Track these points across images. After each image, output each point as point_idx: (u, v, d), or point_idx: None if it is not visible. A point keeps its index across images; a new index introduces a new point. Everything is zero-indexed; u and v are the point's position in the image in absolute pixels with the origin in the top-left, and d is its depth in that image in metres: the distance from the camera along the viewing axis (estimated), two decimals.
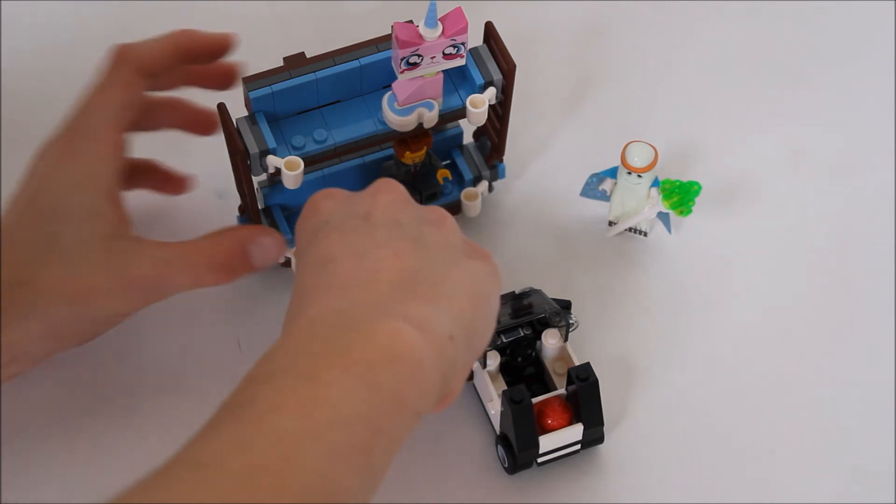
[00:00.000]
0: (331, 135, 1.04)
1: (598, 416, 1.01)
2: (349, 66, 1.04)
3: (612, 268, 1.13)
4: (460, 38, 0.99)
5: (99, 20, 1.26)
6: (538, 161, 1.18)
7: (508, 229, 1.15)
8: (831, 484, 1.03)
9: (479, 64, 1.05)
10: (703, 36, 1.26)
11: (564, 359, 1.04)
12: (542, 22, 1.26)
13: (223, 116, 1.02)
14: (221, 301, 1.11)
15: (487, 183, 1.13)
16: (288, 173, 1.01)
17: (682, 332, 1.10)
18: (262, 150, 1.02)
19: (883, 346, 1.09)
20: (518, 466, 1.02)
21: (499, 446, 1.03)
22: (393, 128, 1.04)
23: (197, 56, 1.04)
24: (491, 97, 1.05)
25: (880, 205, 1.16)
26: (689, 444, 1.05)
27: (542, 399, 1.01)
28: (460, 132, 1.14)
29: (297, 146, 1.03)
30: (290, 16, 1.25)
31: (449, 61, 1.01)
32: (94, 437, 1.05)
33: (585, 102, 1.22)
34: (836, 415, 1.06)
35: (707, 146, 1.19)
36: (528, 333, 1.04)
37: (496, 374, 1.03)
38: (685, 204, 1.09)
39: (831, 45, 1.25)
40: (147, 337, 1.09)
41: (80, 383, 1.07)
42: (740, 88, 1.22)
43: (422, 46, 0.99)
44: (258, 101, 1.03)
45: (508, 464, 1.02)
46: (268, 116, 1.04)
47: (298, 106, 1.05)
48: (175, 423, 1.05)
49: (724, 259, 1.13)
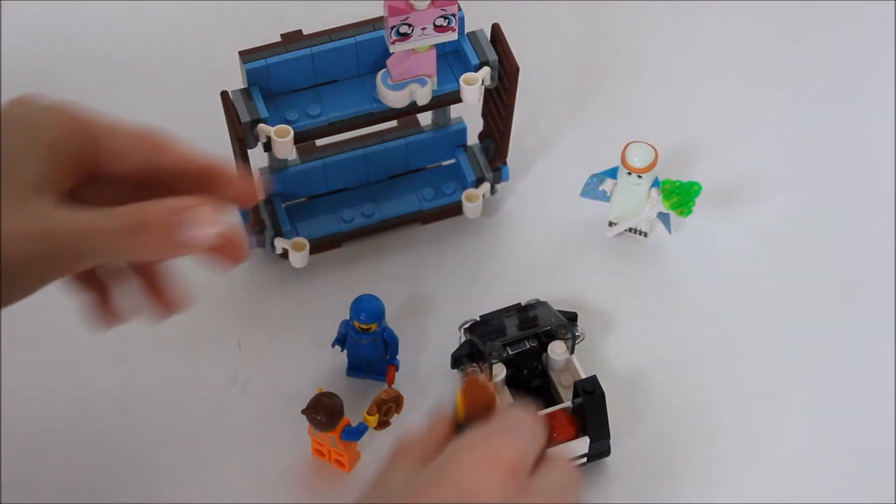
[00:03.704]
0: (325, 110, 1.05)
1: (604, 430, 1.01)
2: (345, 42, 1.05)
3: (612, 268, 1.13)
4: (450, 8, 1.00)
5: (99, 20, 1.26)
6: (539, 161, 1.18)
7: (509, 230, 1.15)
8: (831, 484, 1.03)
9: (475, 45, 1.05)
10: (704, 36, 1.26)
11: (570, 371, 1.04)
12: (543, 23, 1.26)
13: (226, 104, 1.02)
14: (221, 301, 1.11)
15: (490, 185, 1.13)
16: (278, 140, 1.02)
17: (683, 332, 1.10)
18: (253, 119, 1.03)
19: (883, 346, 1.09)
20: None
21: None
22: (386, 104, 1.05)
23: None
24: (485, 76, 1.05)
25: (880, 205, 1.16)
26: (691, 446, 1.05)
27: (548, 412, 1.01)
28: (463, 128, 1.14)
29: (291, 119, 1.04)
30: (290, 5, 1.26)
31: (441, 34, 1.01)
32: (94, 436, 1.05)
33: (586, 103, 1.22)
34: (836, 415, 1.06)
35: (707, 146, 1.19)
36: (535, 346, 1.04)
37: (502, 386, 1.03)
38: (685, 204, 1.09)
39: (832, 45, 1.25)
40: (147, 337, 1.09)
41: (80, 383, 1.07)
42: (740, 89, 1.23)
43: (412, 15, 0.99)
44: (253, 73, 1.04)
45: None
46: (263, 92, 1.04)
47: (294, 82, 1.06)
48: (175, 423, 1.06)
49: (724, 259, 1.13)
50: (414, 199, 1.14)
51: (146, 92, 1.22)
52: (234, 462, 1.04)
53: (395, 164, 1.14)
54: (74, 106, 0.86)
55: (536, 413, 0.89)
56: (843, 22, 1.26)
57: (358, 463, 1.03)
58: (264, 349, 1.09)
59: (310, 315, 1.10)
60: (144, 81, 1.22)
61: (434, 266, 1.13)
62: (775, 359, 1.09)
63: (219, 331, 1.10)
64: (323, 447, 1.02)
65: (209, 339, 1.09)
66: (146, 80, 1.22)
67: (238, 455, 1.04)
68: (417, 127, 1.14)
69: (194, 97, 1.19)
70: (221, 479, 1.03)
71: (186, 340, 1.09)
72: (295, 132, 1.03)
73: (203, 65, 1.22)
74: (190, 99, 1.20)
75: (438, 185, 1.14)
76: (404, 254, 1.14)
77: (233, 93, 1.04)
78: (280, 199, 1.12)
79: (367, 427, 1.00)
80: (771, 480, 1.03)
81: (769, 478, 1.03)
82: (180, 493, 1.02)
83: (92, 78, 1.22)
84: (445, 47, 1.06)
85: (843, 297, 1.12)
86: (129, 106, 1.20)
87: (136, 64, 1.23)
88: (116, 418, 1.06)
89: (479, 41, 1.06)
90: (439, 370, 1.06)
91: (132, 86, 1.22)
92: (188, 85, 1.21)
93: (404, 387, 1.05)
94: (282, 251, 1.10)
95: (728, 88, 1.23)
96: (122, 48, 1.24)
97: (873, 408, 1.06)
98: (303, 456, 1.04)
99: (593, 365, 1.07)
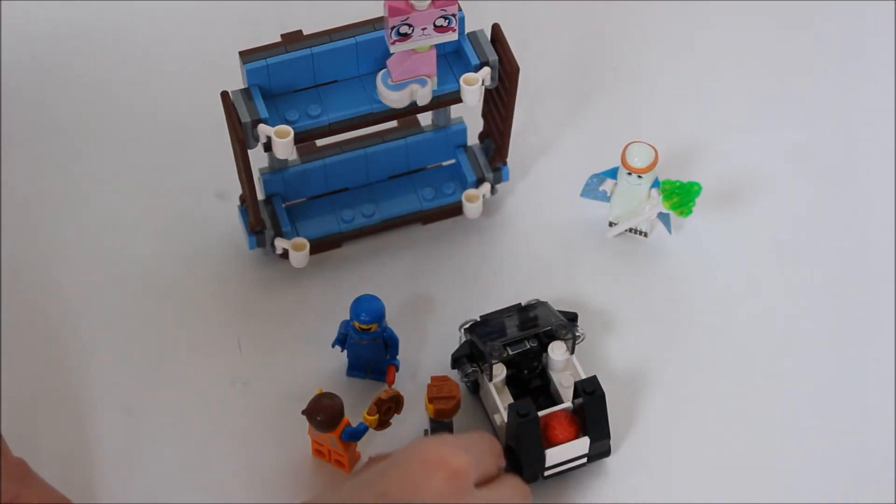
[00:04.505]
0: (325, 111, 1.05)
1: (604, 430, 1.01)
2: (345, 42, 1.05)
3: (612, 268, 1.13)
4: (450, 8, 1.00)
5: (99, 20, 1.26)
6: (539, 161, 1.18)
7: (509, 230, 1.15)
8: (831, 484, 1.03)
9: (476, 45, 1.05)
10: (704, 36, 1.26)
11: (570, 371, 1.04)
12: (543, 23, 1.26)
13: (226, 104, 1.02)
14: (221, 301, 1.11)
15: (490, 185, 1.13)
16: (278, 140, 1.02)
17: (683, 333, 1.10)
18: (253, 119, 1.03)
19: (883, 346, 1.09)
20: (524, 480, 1.01)
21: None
22: (386, 104, 1.05)
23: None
24: (485, 77, 1.05)
25: (880, 204, 1.16)
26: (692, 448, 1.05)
27: (548, 412, 1.01)
28: (463, 128, 1.14)
29: (291, 120, 1.04)
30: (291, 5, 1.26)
31: (441, 34, 1.01)
32: (94, 436, 1.05)
33: (586, 103, 1.22)
34: (836, 415, 1.06)
35: (707, 146, 1.19)
36: (535, 346, 1.03)
37: (502, 386, 1.03)
38: (685, 204, 1.09)
39: (831, 45, 1.25)
40: (147, 337, 1.09)
41: (80, 383, 1.07)
42: (740, 89, 1.23)
43: (412, 15, 0.99)
44: (253, 73, 1.04)
45: None
46: (264, 92, 1.04)
47: (294, 82, 1.05)
48: (175, 423, 1.06)
49: (724, 259, 1.13)
50: (414, 199, 1.14)
51: (146, 92, 1.21)
52: (234, 462, 1.04)
53: (396, 164, 1.14)
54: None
55: (495, 440, 0.98)
56: (843, 22, 1.26)
57: (358, 463, 1.03)
58: (264, 349, 1.09)
59: (310, 315, 1.10)
60: (145, 81, 1.22)
61: (434, 266, 1.13)
62: (775, 358, 1.09)
63: (219, 331, 1.10)
64: (323, 447, 1.02)
65: (209, 339, 1.09)
66: (146, 79, 1.22)
67: (238, 455, 1.04)
68: (418, 127, 1.14)
69: (194, 97, 1.19)
70: (221, 480, 1.03)
71: (187, 341, 1.09)
72: (295, 132, 1.03)
73: (203, 65, 1.22)
74: (190, 99, 1.20)
75: (438, 186, 1.14)
76: (404, 254, 1.14)
77: (233, 93, 1.04)
78: (280, 199, 1.12)
79: (367, 427, 1.00)
80: (771, 480, 1.03)
81: (769, 478, 1.03)
82: (180, 493, 1.02)
83: (92, 78, 1.22)
84: (445, 47, 1.06)
85: (844, 296, 1.12)
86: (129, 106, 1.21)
87: (136, 64, 1.23)
88: (117, 418, 1.06)
89: (480, 41, 1.06)
90: (439, 370, 1.06)
91: (132, 85, 1.22)
92: (188, 85, 1.21)
93: (404, 387, 1.05)
94: (282, 251, 1.10)
95: (728, 88, 1.22)
96: (122, 48, 1.24)
97: (874, 407, 1.06)
98: (303, 456, 1.04)
99: (593, 365, 1.07)
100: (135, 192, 1.16)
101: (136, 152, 1.18)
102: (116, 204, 1.16)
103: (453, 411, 1.00)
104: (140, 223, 1.14)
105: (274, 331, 1.10)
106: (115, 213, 1.15)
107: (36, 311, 1.10)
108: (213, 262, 1.13)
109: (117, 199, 1.16)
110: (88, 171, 1.17)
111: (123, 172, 1.17)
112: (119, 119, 1.20)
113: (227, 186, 1.14)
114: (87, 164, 1.18)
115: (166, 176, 1.17)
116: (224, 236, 1.14)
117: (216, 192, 1.16)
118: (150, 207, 1.15)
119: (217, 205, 1.15)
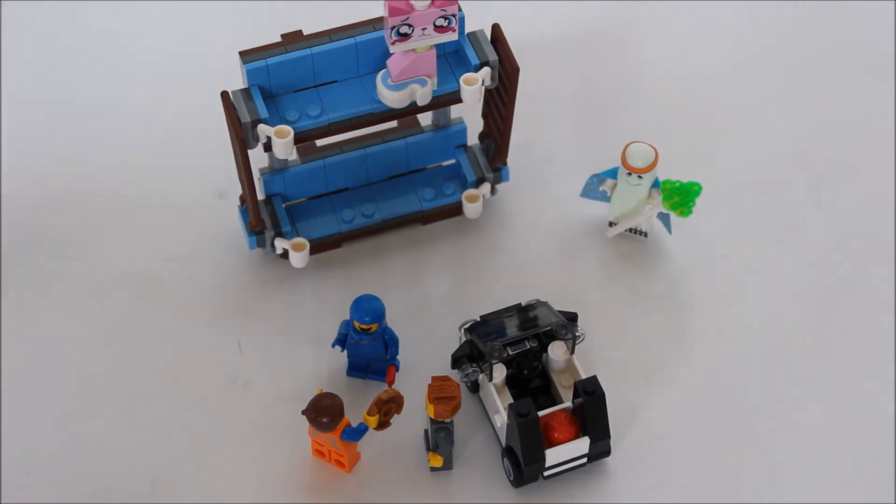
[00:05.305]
0: (325, 111, 1.05)
1: (604, 430, 1.01)
2: (345, 42, 1.05)
3: (612, 268, 1.13)
4: (450, 8, 1.00)
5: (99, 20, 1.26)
6: (539, 161, 1.18)
7: (509, 230, 1.15)
8: (831, 484, 1.03)
9: (476, 45, 1.06)
10: (704, 36, 1.26)
11: (571, 371, 1.04)
12: (543, 22, 1.26)
13: (226, 104, 1.02)
14: (221, 301, 1.11)
15: (490, 185, 1.13)
16: (278, 140, 1.02)
17: (683, 333, 1.10)
18: (253, 119, 1.03)
19: (883, 346, 1.09)
20: (524, 480, 1.01)
21: (504, 459, 1.02)
22: (386, 104, 1.05)
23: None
24: (485, 77, 1.05)
25: (880, 204, 1.16)
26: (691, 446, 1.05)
27: (548, 412, 1.01)
28: (463, 128, 1.14)
29: (291, 120, 1.04)
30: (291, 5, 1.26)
31: (441, 34, 1.01)
32: (95, 437, 1.05)
33: (586, 103, 1.22)
34: (836, 415, 1.06)
35: (708, 146, 1.19)
36: (535, 346, 1.03)
37: (502, 386, 1.03)
38: (685, 205, 1.09)
39: (831, 45, 1.25)
40: (147, 337, 1.09)
41: (81, 384, 1.07)
42: (741, 88, 1.23)
43: (412, 15, 0.99)
44: (253, 73, 1.04)
45: (514, 477, 1.02)
46: (264, 92, 1.05)
47: (294, 83, 1.06)
48: (175, 423, 1.06)
49: (724, 259, 1.13)
50: (414, 200, 1.14)
51: (146, 92, 1.22)
52: (234, 462, 1.04)
53: (396, 164, 1.14)
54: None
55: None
56: (843, 22, 1.26)
57: (358, 463, 1.03)
58: (264, 349, 1.09)
59: (310, 315, 1.10)
60: (145, 81, 1.22)
61: (434, 266, 1.13)
62: (775, 358, 1.09)
63: (219, 331, 1.10)
64: (323, 447, 1.02)
65: (209, 339, 1.09)
66: (146, 79, 1.22)
67: (238, 455, 1.04)
68: (418, 127, 1.14)
69: (194, 97, 1.19)
70: (221, 479, 1.03)
71: (187, 340, 1.09)
72: (295, 132, 1.03)
73: (203, 65, 1.22)
74: (190, 99, 1.20)
75: (438, 186, 1.14)
76: (404, 254, 1.14)
77: (233, 93, 1.04)
78: (280, 199, 1.12)
79: (367, 427, 1.00)
80: (771, 480, 1.03)
81: (769, 478, 1.03)
82: (180, 493, 1.02)
83: (91, 78, 1.22)
84: (445, 47, 1.06)
85: (844, 296, 1.12)
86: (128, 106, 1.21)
87: (136, 63, 1.23)
88: (117, 418, 1.06)
89: (480, 41, 1.06)
90: (439, 370, 1.06)
91: (132, 85, 1.22)
92: (188, 85, 1.21)
93: (404, 387, 1.05)
94: (282, 251, 1.10)
95: (728, 88, 1.23)
96: (122, 48, 1.24)
97: (874, 407, 1.06)
98: (303, 456, 1.04)
99: (593, 365, 1.07)
100: (134, 192, 1.16)
101: (136, 152, 1.18)
102: (116, 203, 1.16)
103: (453, 411, 1.00)
104: (140, 223, 1.14)
105: (274, 331, 1.10)
106: (114, 212, 1.15)
107: (36, 310, 1.10)
108: (213, 262, 1.13)
109: (117, 198, 1.16)
110: (88, 171, 1.17)
111: (123, 172, 1.17)
112: (119, 118, 1.20)
113: (227, 186, 1.14)
114: (87, 164, 1.18)
115: (166, 176, 1.17)
116: (224, 236, 1.14)
117: (216, 192, 1.16)
118: (149, 207, 1.15)
119: (217, 205, 1.15)
